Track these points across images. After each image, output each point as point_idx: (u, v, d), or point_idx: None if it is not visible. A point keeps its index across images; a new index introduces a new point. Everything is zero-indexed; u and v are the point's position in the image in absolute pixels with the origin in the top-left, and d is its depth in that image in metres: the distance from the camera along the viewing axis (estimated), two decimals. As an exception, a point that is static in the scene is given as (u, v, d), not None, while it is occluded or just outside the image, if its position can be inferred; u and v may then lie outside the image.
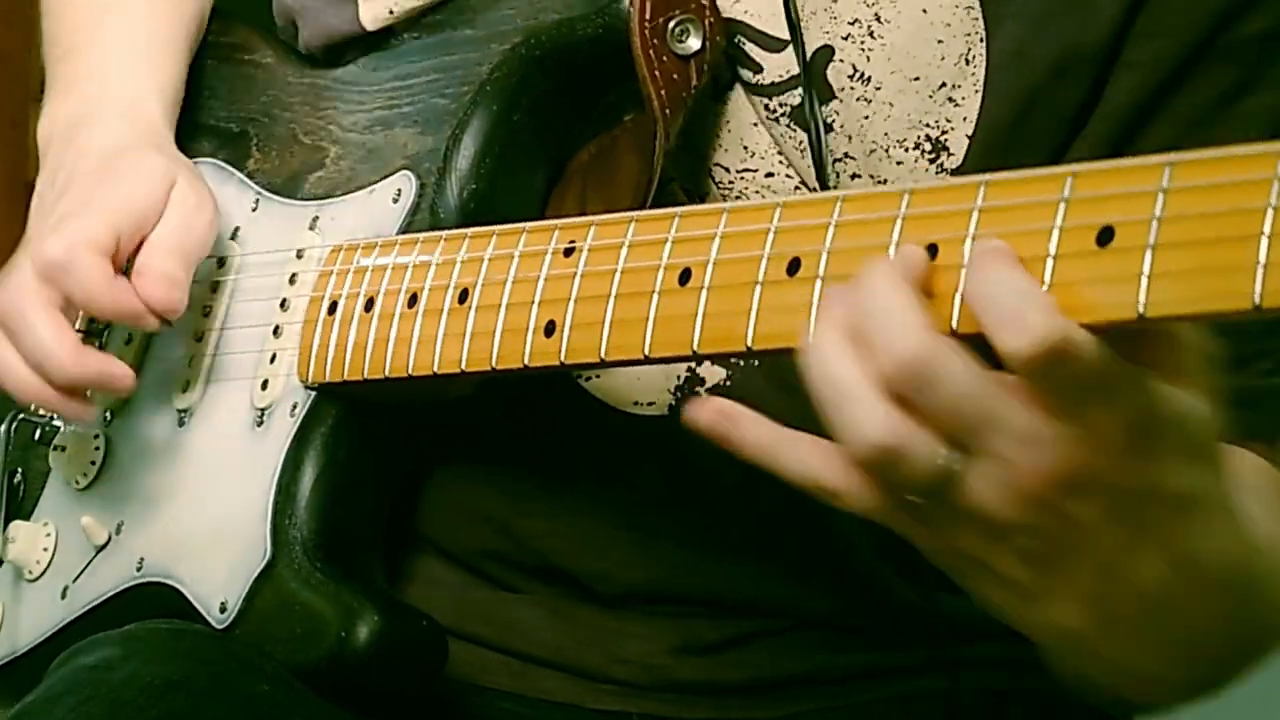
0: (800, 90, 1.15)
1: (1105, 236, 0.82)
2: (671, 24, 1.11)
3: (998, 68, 1.14)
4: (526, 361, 1.04)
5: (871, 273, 0.86)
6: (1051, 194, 0.85)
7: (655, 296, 0.99)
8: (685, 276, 0.98)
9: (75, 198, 1.23)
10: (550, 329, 1.03)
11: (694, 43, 1.12)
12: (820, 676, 1.24)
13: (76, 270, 1.18)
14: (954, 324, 0.85)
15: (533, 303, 1.04)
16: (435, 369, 1.08)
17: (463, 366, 1.07)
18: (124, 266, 1.20)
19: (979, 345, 0.84)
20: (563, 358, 1.03)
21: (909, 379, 0.84)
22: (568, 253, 1.04)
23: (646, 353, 0.99)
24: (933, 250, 0.88)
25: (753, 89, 1.16)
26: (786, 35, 1.15)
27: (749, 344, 0.94)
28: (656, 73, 1.11)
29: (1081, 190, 0.84)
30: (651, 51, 1.11)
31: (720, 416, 0.91)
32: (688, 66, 1.12)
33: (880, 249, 0.90)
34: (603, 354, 1.01)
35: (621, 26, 1.11)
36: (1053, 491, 0.85)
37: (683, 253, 0.99)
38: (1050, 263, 0.83)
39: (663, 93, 1.11)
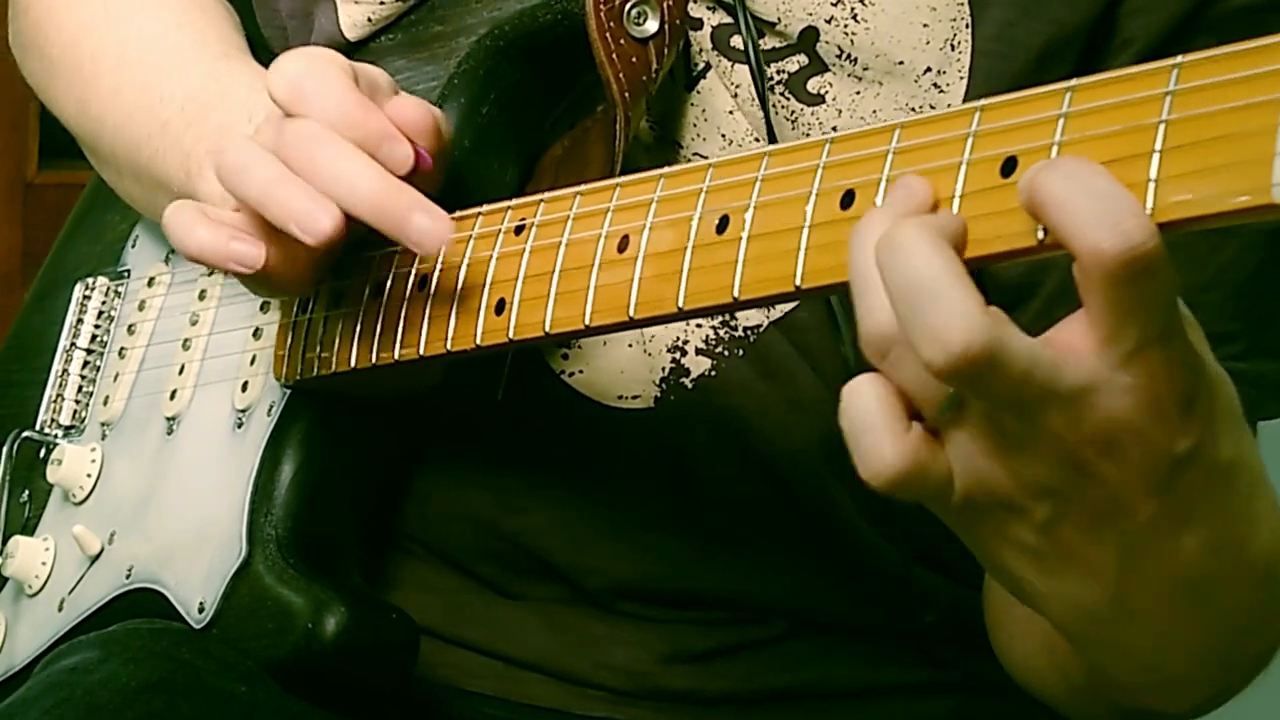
0: (798, 56, 1.14)
1: (1008, 167, 0.81)
2: (628, 7, 1.11)
3: (983, 54, 1.13)
4: (478, 341, 1.04)
5: (912, 240, 0.78)
6: (960, 129, 0.83)
7: (596, 266, 0.98)
8: (623, 244, 0.97)
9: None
10: (500, 307, 1.03)
11: (652, 25, 1.11)
12: (811, 690, 1.22)
13: (325, 80, 1.02)
14: None
15: (484, 283, 1.04)
16: (396, 356, 1.08)
17: (421, 351, 1.07)
18: None
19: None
20: (511, 334, 1.02)
21: (965, 372, 0.77)
22: (518, 231, 1.04)
23: (587, 323, 0.98)
24: (850, 196, 0.87)
25: (766, 54, 1.15)
26: (773, 16, 1.14)
27: (680, 305, 0.93)
28: (614, 56, 1.10)
29: (988, 123, 0.82)
30: (608, 35, 1.10)
31: None
32: (646, 50, 1.11)
33: (801, 200, 0.89)
34: (547, 328, 1.00)
35: (579, 10, 1.11)
36: (1091, 449, 0.80)
37: (622, 220, 0.98)
38: (957, 200, 0.82)
39: (621, 76, 1.10)
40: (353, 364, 1.11)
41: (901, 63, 1.13)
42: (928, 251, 0.77)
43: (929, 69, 1.13)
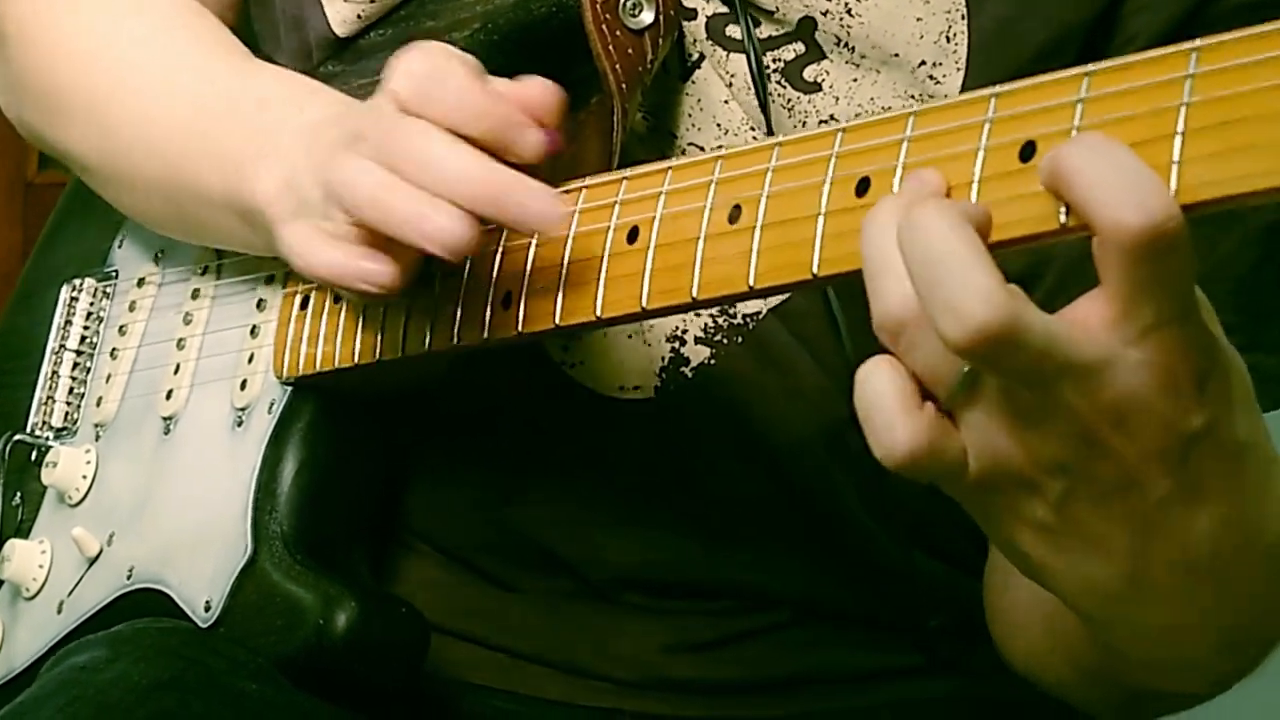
0: (795, 44, 1.15)
1: (1027, 152, 0.81)
2: None
3: (980, 46, 1.13)
4: (486, 335, 1.04)
5: (932, 217, 0.79)
6: (976, 115, 0.84)
7: (605, 258, 0.99)
8: (633, 235, 0.98)
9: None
10: (508, 301, 1.03)
11: (647, 16, 1.12)
12: (816, 676, 1.22)
13: (450, 77, 1.00)
14: None
15: (490, 277, 1.04)
16: (402, 351, 1.08)
17: (427, 345, 1.07)
18: None
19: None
20: (520, 328, 1.02)
21: (984, 348, 0.77)
22: None
23: (598, 314, 0.99)
24: (865, 183, 0.87)
25: (763, 43, 1.15)
26: (770, 5, 1.15)
27: (694, 295, 0.94)
28: (610, 48, 1.11)
29: (1004, 109, 0.83)
30: (604, 26, 1.11)
31: None
32: (642, 41, 1.12)
33: (815, 189, 0.89)
34: (557, 320, 1.00)
35: (573, 3, 1.11)
36: (1104, 424, 0.80)
37: (630, 213, 0.99)
38: (976, 185, 0.83)
39: (617, 68, 1.11)
40: (356, 359, 1.11)
41: (897, 55, 1.14)
42: (948, 228, 0.78)
43: (924, 62, 1.14)
